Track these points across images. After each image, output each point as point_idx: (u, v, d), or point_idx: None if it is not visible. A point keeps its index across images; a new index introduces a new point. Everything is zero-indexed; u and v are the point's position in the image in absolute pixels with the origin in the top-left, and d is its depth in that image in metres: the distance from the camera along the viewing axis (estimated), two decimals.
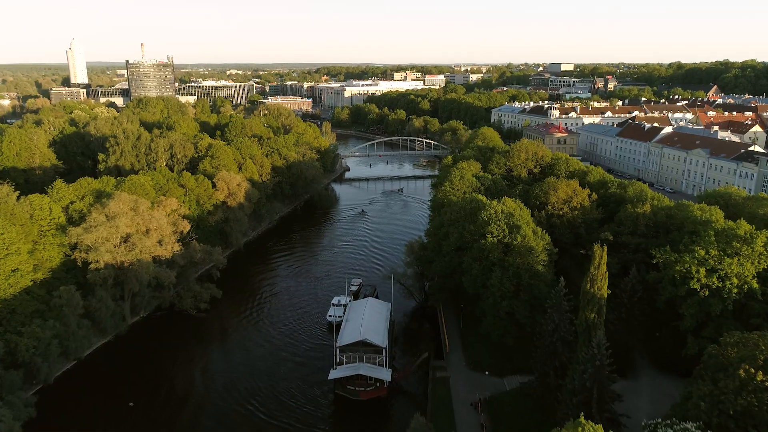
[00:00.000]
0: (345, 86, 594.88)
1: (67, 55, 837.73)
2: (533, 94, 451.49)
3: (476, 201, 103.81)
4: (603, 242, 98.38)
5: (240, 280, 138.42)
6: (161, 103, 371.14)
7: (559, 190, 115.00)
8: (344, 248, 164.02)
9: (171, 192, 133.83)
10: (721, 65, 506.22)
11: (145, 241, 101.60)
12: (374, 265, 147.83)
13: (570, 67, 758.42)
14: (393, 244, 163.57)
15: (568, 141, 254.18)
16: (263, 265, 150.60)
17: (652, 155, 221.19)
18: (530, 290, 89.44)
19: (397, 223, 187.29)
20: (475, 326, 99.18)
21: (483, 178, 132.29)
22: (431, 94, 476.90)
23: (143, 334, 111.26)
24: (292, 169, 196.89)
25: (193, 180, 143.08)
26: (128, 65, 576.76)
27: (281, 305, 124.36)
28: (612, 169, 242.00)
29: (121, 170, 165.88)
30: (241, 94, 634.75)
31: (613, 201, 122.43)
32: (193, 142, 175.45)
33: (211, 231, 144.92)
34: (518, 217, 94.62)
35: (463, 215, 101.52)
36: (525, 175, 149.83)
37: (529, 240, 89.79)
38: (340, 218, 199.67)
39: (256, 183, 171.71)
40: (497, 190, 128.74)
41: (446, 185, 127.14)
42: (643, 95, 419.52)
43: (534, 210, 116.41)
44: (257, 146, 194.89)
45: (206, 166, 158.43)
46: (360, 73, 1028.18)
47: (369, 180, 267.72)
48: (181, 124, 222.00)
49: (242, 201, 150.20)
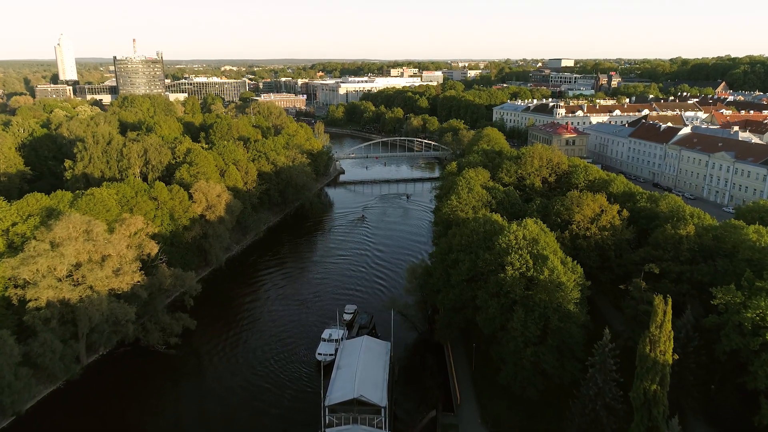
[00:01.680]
0: (340, 83, 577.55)
1: (56, 51, 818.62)
2: (535, 91, 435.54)
3: (491, 223, 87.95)
4: (644, 273, 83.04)
5: (219, 306, 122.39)
6: (147, 102, 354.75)
7: (585, 206, 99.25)
8: (338, 263, 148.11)
9: (140, 206, 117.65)
10: (729, 61, 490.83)
11: (98, 272, 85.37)
12: (371, 285, 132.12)
13: (570, 62, 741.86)
14: (393, 257, 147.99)
15: (577, 142, 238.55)
16: (246, 285, 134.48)
17: (669, 158, 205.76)
18: (560, 334, 73.86)
19: (397, 233, 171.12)
20: (491, 372, 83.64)
21: (494, 189, 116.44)
22: (429, 91, 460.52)
23: (101, 376, 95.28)
24: (280, 174, 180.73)
25: (167, 191, 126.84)
26: (116, 61, 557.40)
27: (264, 338, 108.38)
28: (624, 172, 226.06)
29: (89, 179, 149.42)
30: (233, 91, 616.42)
31: (644, 217, 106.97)
32: (171, 147, 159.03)
33: (187, 248, 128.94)
34: (543, 244, 78.82)
35: (476, 240, 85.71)
36: (539, 185, 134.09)
37: (558, 274, 74.07)
38: (334, 227, 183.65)
39: (240, 192, 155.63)
40: (511, 205, 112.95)
41: (452, 198, 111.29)
42: (649, 92, 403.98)
43: (554, 228, 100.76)
44: (243, 150, 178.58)
45: (183, 175, 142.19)
46: (356, 69, 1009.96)
47: (365, 183, 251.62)
48: (162, 126, 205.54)
49: (222, 214, 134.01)
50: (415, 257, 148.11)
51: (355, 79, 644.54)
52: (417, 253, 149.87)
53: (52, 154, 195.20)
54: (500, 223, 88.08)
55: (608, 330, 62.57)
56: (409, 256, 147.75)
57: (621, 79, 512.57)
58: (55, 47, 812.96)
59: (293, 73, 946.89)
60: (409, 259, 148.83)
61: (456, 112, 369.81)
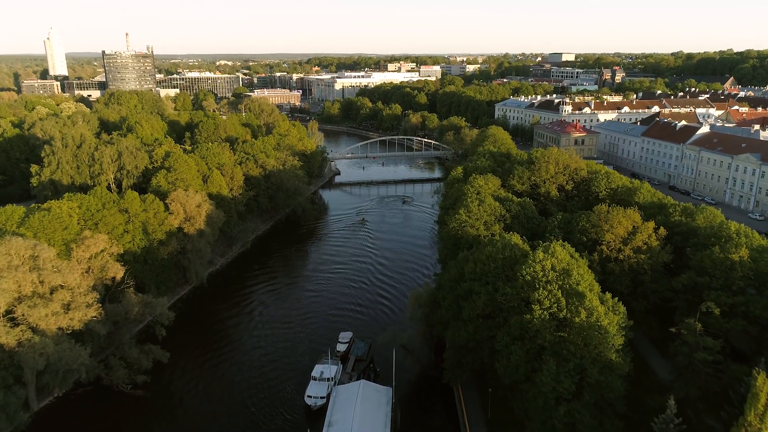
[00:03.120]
0: (336, 78, 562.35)
1: (45, 46, 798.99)
2: (537, 86, 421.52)
3: (511, 247, 74.34)
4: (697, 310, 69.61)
5: (197, 331, 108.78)
6: (134, 98, 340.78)
7: (616, 223, 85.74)
8: (331, 277, 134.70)
9: (106, 221, 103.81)
10: (736, 55, 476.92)
11: (41, 309, 71.57)
12: (368, 302, 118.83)
13: (571, 57, 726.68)
14: (391, 269, 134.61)
15: (586, 141, 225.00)
16: (230, 305, 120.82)
17: (686, 159, 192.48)
18: (599, 389, 60.63)
19: (398, 242, 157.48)
20: (512, 422, 70.49)
21: (508, 201, 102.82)
22: (428, 86, 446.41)
23: (55, 424, 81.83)
24: (270, 179, 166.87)
25: (139, 202, 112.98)
26: (105, 56, 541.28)
27: (246, 373, 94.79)
28: (637, 173, 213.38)
29: (57, 186, 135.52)
30: (226, 86, 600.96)
31: (678, 233, 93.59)
32: (149, 150, 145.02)
33: (163, 266, 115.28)
34: (576, 276, 65.34)
35: (494, 269, 72.19)
36: (555, 193, 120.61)
37: (597, 316, 60.68)
38: (329, 234, 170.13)
39: (225, 199, 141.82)
40: (527, 220, 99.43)
41: (461, 212, 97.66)
42: (655, 87, 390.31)
43: (579, 248, 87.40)
44: (229, 152, 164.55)
45: (160, 182, 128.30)
46: (352, 63, 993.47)
47: (362, 185, 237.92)
48: (144, 125, 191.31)
49: (202, 227, 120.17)
50: (418, 269, 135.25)
51: (352, 74, 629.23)
52: (420, 266, 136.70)
53: (24, 156, 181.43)
54: (522, 248, 74.50)
55: (672, 401, 49.19)
56: (412, 268, 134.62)
57: (625, 74, 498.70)
58: (45, 41, 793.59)
59: (289, 68, 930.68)
60: (412, 268, 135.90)
61: (456, 109, 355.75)
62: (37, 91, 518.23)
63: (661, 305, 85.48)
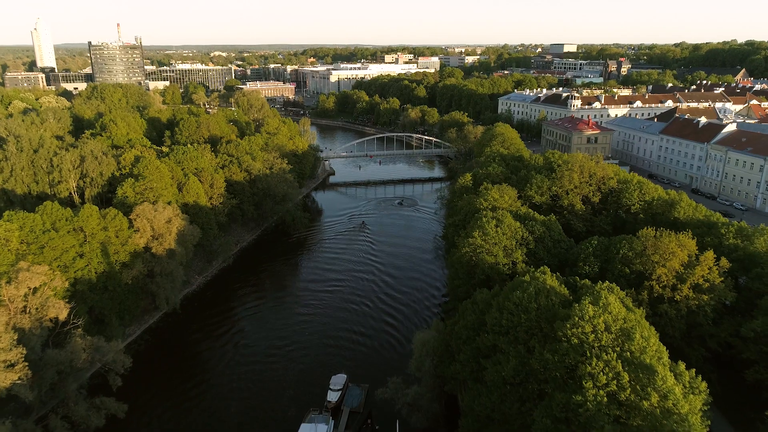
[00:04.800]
0: (331, 70, 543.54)
1: (32, 36, 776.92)
2: (540, 79, 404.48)
3: (547, 293, 58.33)
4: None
5: (164, 372, 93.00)
6: (119, 92, 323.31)
7: (668, 254, 69.88)
8: (325, 296, 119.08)
9: (54, 244, 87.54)
10: (747, 46, 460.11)
11: None
12: (369, 329, 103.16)
13: (573, 48, 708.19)
14: (399, 290, 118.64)
15: (599, 140, 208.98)
16: (206, 335, 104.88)
17: (711, 160, 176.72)
18: None
19: (401, 255, 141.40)
20: None
21: (530, 221, 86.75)
22: (427, 79, 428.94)
23: None
24: (256, 184, 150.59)
25: (98, 219, 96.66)
26: (91, 47, 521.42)
27: (217, 426, 79.26)
28: (654, 174, 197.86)
29: (11, 196, 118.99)
30: (218, 78, 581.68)
31: (735, 260, 77.85)
32: (117, 154, 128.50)
33: (127, 292, 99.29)
34: (640, 342, 49.48)
35: (526, 322, 56.35)
36: (579, 207, 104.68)
37: (674, 400, 44.95)
38: (322, 241, 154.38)
39: (203, 210, 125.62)
40: (554, 244, 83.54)
41: (476, 235, 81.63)
42: (664, 80, 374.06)
43: (621, 282, 71.76)
44: (210, 155, 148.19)
45: (127, 192, 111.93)
46: (348, 55, 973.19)
47: (359, 185, 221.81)
48: (119, 124, 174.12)
49: (173, 246, 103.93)
50: (426, 288, 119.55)
51: (348, 66, 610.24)
52: (428, 283, 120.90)
53: None
54: (561, 293, 58.62)
55: None
56: (419, 287, 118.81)
57: (630, 65, 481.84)
58: (32, 32, 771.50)
59: (284, 59, 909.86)
60: (418, 286, 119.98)
61: (457, 103, 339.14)
62: (21, 84, 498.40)
63: (724, 354, 70.07)
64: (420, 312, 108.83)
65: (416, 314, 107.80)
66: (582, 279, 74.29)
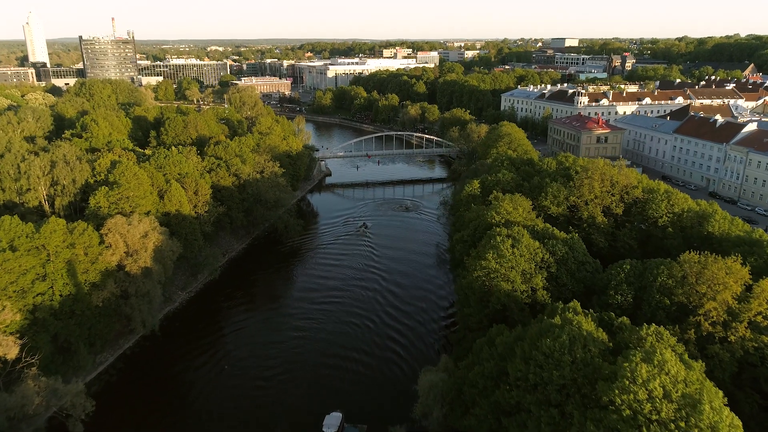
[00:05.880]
0: (329, 65, 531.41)
1: (24, 31, 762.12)
2: (543, 74, 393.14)
3: (583, 340, 48.05)
4: None
5: (136, 406, 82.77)
6: (108, 88, 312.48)
7: (719, 286, 59.63)
8: (322, 311, 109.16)
9: (9, 266, 77.12)
10: (755, 40, 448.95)
11: None
12: (369, 356, 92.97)
13: (575, 42, 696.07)
14: (400, 308, 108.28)
15: (610, 139, 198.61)
16: (186, 361, 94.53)
17: (730, 161, 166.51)
18: None
19: (400, 257, 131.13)
20: None
21: (550, 239, 76.42)
22: (426, 74, 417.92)
23: None
24: (246, 189, 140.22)
25: (63, 234, 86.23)
26: (82, 42, 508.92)
27: None
28: (668, 176, 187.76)
29: None
30: (212, 74, 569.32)
31: None
32: (92, 159, 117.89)
33: (98, 316, 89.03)
34: (710, 414, 39.25)
35: (559, 379, 46.12)
36: (601, 219, 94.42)
37: None
38: (319, 248, 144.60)
39: (187, 219, 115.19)
40: (578, 267, 73.26)
41: (489, 257, 71.32)
42: (671, 75, 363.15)
43: (660, 316, 61.67)
44: (196, 158, 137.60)
45: (100, 202, 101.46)
46: (346, 49, 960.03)
47: (356, 186, 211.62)
48: (101, 123, 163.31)
49: (149, 264, 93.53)
50: (433, 301, 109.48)
51: (345, 61, 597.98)
52: (436, 299, 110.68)
53: None
54: (601, 341, 48.32)
55: None
56: (426, 303, 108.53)
57: (635, 60, 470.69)
58: (24, 26, 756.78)
59: (281, 54, 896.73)
60: (424, 296, 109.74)
61: (458, 99, 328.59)
62: (10, 79, 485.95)
63: None
64: (426, 337, 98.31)
65: (422, 339, 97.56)
66: (613, 309, 64.29)
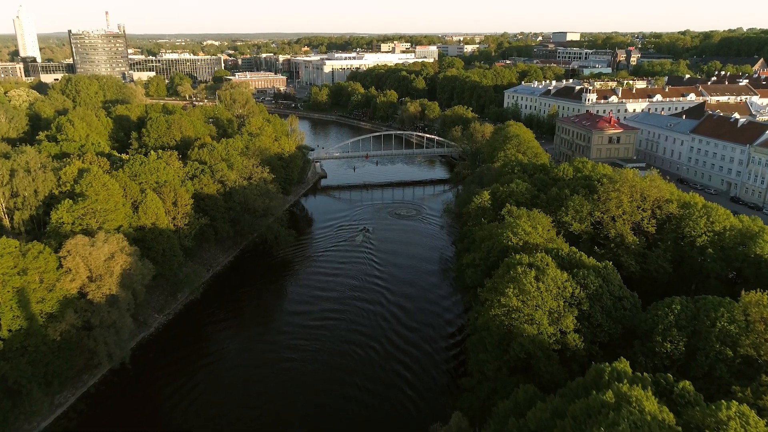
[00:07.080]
0: (325, 60, 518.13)
1: (15, 25, 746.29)
2: (546, 69, 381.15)
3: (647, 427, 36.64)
4: None
5: None
6: (95, 84, 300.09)
7: None
8: (314, 336, 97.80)
9: None
10: (764, 34, 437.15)
11: None
12: (371, 394, 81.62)
13: (576, 36, 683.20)
14: (404, 335, 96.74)
15: (622, 139, 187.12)
16: (156, 403, 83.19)
17: (754, 164, 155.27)
18: None
19: (402, 263, 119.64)
20: None
21: (581, 269, 64.84)
22: (426, 69, 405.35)
23: None
24: (233, 197, 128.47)
25: (14, 258, 74.62)
26: (71, 36, 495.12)
27: None
28: (685, 179, 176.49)
29: None
30: (206, 69, 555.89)
31: None
32: (59, 167, 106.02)
33: (56, 350, 77.56)
34: None
35: None
36: (631, 239, 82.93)
37: None
38: (314, 258, 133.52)
39: (164, 233, 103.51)
40: (614, 304, 61.82)
41: (510, 293, 59.89)
42: (678, 70, 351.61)
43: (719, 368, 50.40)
44: (177, 163, 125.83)
45: (63, 218, 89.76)
46: (343, 43, 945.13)
47: (353, 189, 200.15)
48: (77, 124, 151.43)
49: (115, 291, 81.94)
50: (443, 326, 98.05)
51: (342, 55, 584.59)
52: (444, 323, 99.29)
53: None
54: (668, 426, 36.95)
55: None
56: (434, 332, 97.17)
57: (640, 55, 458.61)
58: (14, 20, 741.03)
59: (277, 48, 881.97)
60: (432, 319, 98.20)
61: (459, 96, 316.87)
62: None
63: None
64: (438, 379, 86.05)
65: (429, 374, 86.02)
66: (661, 359, 52.99)
